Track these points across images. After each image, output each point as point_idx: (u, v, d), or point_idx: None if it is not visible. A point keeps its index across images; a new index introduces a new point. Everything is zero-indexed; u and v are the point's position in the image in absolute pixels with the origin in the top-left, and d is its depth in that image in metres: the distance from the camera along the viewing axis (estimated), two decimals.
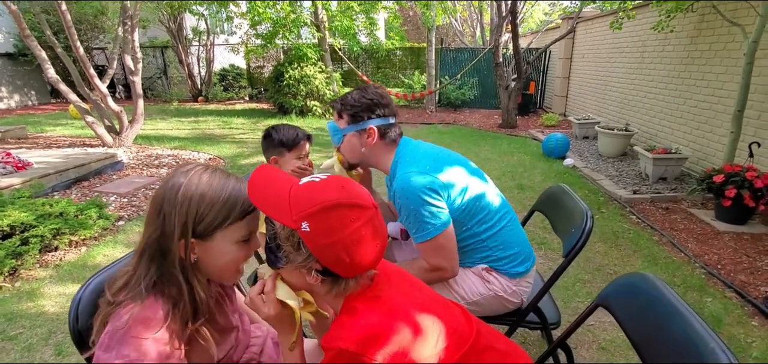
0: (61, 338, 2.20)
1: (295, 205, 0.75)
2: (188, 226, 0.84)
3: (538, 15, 17.54)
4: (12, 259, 2.71)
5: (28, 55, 11.42)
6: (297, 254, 0.77)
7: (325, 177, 0.80)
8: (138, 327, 0.79)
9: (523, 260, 1.44)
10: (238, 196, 0.88)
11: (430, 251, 1.33)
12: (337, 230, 0.73)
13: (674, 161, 4.60)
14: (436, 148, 1.47)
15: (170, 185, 0.86)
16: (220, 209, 0.86)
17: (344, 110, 1.41)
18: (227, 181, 0.89)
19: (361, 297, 0.80)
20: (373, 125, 1.40)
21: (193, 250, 0.87)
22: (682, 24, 5.16)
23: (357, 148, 1.44)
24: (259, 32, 9.68)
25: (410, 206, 1.29)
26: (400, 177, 1.33)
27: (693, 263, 2.97)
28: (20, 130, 7.27)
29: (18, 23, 5.10)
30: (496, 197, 1.46)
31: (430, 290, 0.92)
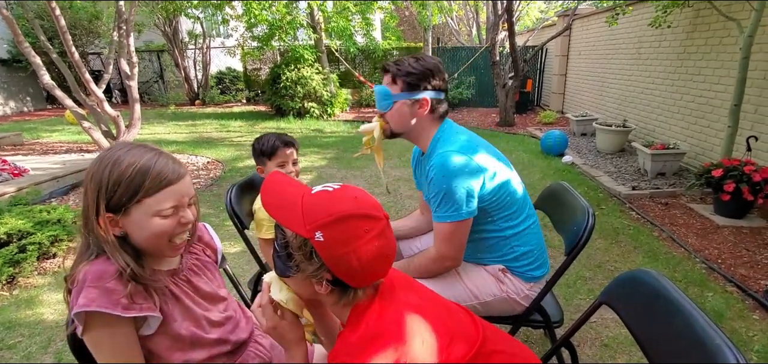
0: (60, 345, 2.19)
1: (308, 214, 0.76)
2: (100, 202, 0.86)
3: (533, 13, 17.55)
4: (9, 267, 2.70)
5: (22, 62, 11.35)
6: (309, 264, 0.78)
7: (337, 186, 0.81)
8: (90, 278, 0.84)
9: (540, 265, 1.43)
10: (149, 169, 0.87)
11: (445, 235, 1.32)
12: (351, 240, 0.74)
13: (672, 157, 4.60)
14: (478, 138, 1.45)
15: (91, 163, 0.89)
16: (130, 184, 0.85)
17: (399, 75, 1.36)
18: (143, 154, 0.88)
19: (368, 308, 0.80)
20: (427, 96, 1.36)
21: (116, 224, 0.87)
22: (678, 19, 5.16)
23: (407, 117, 1.39)
24: (256, 34, 9.66)
25: (444, 185, 1.27)
26: (442, 153, 1.30)
27: (693, 258, 2.97)
28: (16, 137, 7.23)
29: (12, 29, 5.06)
30: (519, 186, 1.45)
31: (434, 295, 0.92)
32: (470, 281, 1.43)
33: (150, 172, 0.87)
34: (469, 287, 1.42)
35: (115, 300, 0.84)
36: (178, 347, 0.96)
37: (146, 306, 0.88)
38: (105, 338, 0.85)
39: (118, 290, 0.85)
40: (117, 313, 0.83)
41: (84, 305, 0.81)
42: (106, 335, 0.84)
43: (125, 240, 0.91)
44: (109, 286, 0.84)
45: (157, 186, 0.87)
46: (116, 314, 0.83)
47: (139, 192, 0.86)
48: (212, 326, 1.03)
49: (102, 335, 0.84)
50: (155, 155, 0.90)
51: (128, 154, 0.88)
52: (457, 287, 1.43)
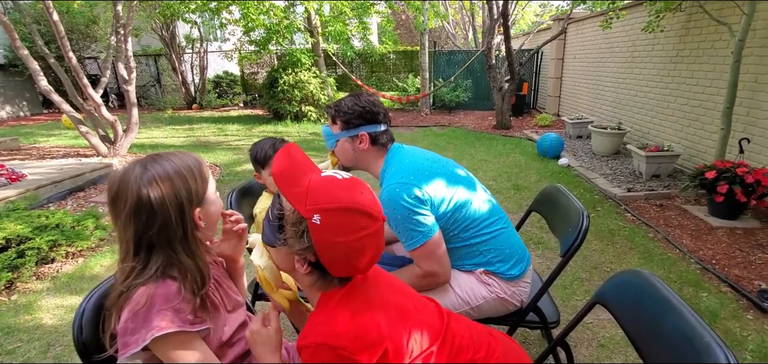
0: (59, 350, 2.19)
1: (312, 195, 0.77)
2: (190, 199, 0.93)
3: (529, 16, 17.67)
4: (8, 272, 2.70)
5: (19, 66, 11.32)
6: (297, 242, 0.79)
7: (347, 176, 0.82)
8: (159, 301, 0.87)
9: (516, 263, 1.46)
10: (189, 155, 0.99)
11: (422, 258, 1.37)
12: (346, 232, 0.75)
13: (667, 159, 4.65)
14: (423, 157, 1.50)
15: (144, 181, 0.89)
16: (197, 173, 0.96)
17: (338, 116, 1.48)
18: (175, 155, 0.97)
19: (339, 295, 0.82)
20: (364, 132, 1.47)
21: (201, 218, 0.96)
22: (671, 23, 5.23)
23: (349, 152, 1.51)
24: (253, 38, 9.68)
25: (397, 216, 1.34)
26: (386, 187, 1.39)
27: (688, 259, 3.01)
28: (12, 142, 7.21)
29: (9, 35, 5.06)
30: (485, 204, 1.49)
31: (406, 290, 0.95)
32: (459, 287, 1.46)
33: (190, 156, 0.98)
34: (459, 294, 1.45)
35: (185, 318, 0.89)
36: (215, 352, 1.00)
37: (201, 319, 0.94)
38: (186, 353, 0.89)
39: (184, 308, 0.90)
40: (190, 329, 0.89)
41: (166, 328, 0.85)
42: (187, 351, 0.89)
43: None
44: (177, 306, 0.89)
45: (204, 169, 0.99)
46: (191, 330, 0.89)
47: (205, 177, 0.98)
48: (237, 330, 1.07)
49: (183, 352, 0.89)
50: (181, 152, 0.99)
51: (168, 161, 0.94)
52: (449, 296, 1.46)
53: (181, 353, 0.88)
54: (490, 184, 4.84)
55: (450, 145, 7.13)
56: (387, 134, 1.52)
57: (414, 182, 1.35)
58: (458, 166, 1.55)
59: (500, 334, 1.00)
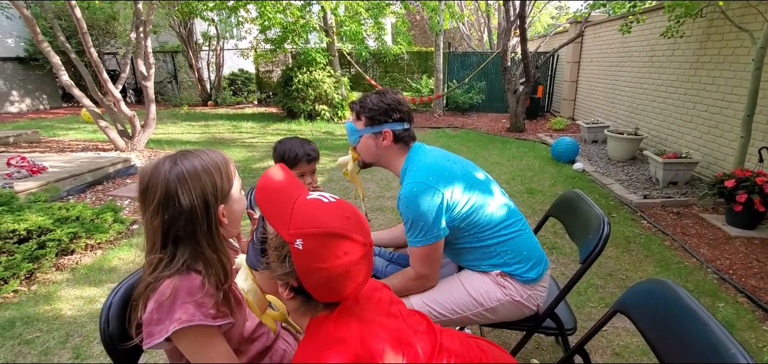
0: (78, 341, 2.23)
1: (296, 218, 0.74)
2: (215, 196, 0.96)
3: (545, 19, 17.51)
4: (29, 263, 2.75)
5: (39, 60, 11.57)
6: (279, 266, 0.76)
7: (333, 200, 0.79)
8: (183, 294, 0.89)
9: (533, 265, 1.45)
10: (216, 152, 1.01)
11: (421, 257, 1.40)
12: (329, 259, 0.72)
13: (684, 166, 4.58)
14: (444, 157, 1.52)
15: (173, 176, 0.92)
16: (223, 171, 0.98)
17: (363, 112, 1.50)
18: (204, 151, 1.00)
19: (327, 322, 0.79)
20: (388, 129, 1.48)
21: (223, 215, 0.98)
22: (691, 29, 5.14)
23: (372, 149, 1.53)
24: (269, 37, 9.76)
25: (411, 214, 1.36)
26: (407, 185, 1.40)
27: (705, 268, 2.96)
28: (33, 135, 7.38)
29: (31, 28, 5.18)
30: (502, 206, 1.49)
31: (396, 308, 0.91)
32: (473, 288, 1.46)
33: (217, 153, 1.00)
34: (472, 295, 1.45)
35: (206, 312, 0.91)
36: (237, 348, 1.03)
37: (223, 314, 0.96)
38: (205, 348, 0.91)
39: (206, 302, 0.92)
40: (211, 323, 0.91)
41: (187, 321, 0.87)
42: (206, 344, 0.91)
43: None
44: (199, 299, 0.91)
45: (230, 167, 1.02)
46: (213, 324, 0.91)
47: (231, 175, 1.00)
48: (256, 325, 1.10)
49: (202, 346, 0.91)
50: (210, 150, 1.02)
51: (197, 158, 0.97)
52: (461, 296, 1.46)
53: (201, 347, 0.90)
54: (504, 187, 4.77)
55: (463, 147, 7.10)
56: (409, 133, 1.54)
57: (433, 182, 1.37)
58: (477, 168, 1.56)
59: (495, 348, 0.97)
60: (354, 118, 1.55)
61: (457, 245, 1.48)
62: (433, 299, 1.46)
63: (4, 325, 2.35)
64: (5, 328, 2.33)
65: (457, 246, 1.48)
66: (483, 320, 1.50)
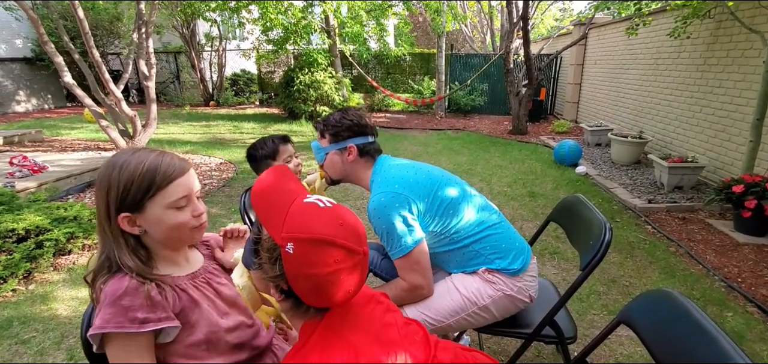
0: (73, 342, 2.22)
1: (289, 221, 0.73)
2: (111, 204, 0.90)
3: (548, 21, 17.44)
4: (27, 262, 2.75)
5: (45, 60, 11.65)
6: (271, 268, 0.76)
7: (329, 205, 0.77)
8: (108, 297, 0.86)
9: (515, 256, 1.45)
10: (158, 166, 0.92)
11: (406, 268, 1.39)
12: (318, 265, 0.71)
13: (690, 170, 4.51)
14: (410, 166, 1.52)
15: (100, 170, 0.93)
16: (142, 180, 0.90)
17: (326, 130, 1.54)
18: (148, 155, 0.94)
19: (319, 327, 0.78)
20: (352, 144, 1.51)
21: (134, 223, 0.92)
22: (699, 30, 5.08)
23: (338, 164, 1.56)
24: (271, 38, 9.76)
25: (383, 225, 1.36)
26: (374, 197, 1.41)
27: (712, 276, 2.90)
28: (37, 134, 7.40)
29: (36, 29, 5.18)
30: (476, 209, 1.49)
31: (391, 317, 0.89)
32: (464, 288, 1.45)
33: (159, 168, 0.92)
34: (464, 296, 1.43)
35: (132, 317, 0.85)
36: (196, 352, 0.97)
37: (164, 317, 0.89)
38: (121, 355, 0.86)
39: (134, 305, 0.86)
40: (132, 330, 0.84)
41: (99, 327, 0.83)
42: (122, 352, 0.86)
43: (139, 242, 0.95)
44: (125, 303, 0.86)
45: (167, 179, 0.92)
46: (132, 331, 0.85)
47: (152, 187, 0.91)
48: (231, 331, 1.04)
49: (118, 353, 0.86)
50: (159, 154, 0.95)
51: (134, 157, 0.93)
52: (454, 299, 1.44)
53: (114, 352, 0.85)
54: (505, 190, 4.77)
55: (464, 149, 7.06)
56: (374, 146, 1.57)
57: (400, 190, 1.38)
58: (448, 174, 1.56)
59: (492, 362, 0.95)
60: (319, 136, 1.58)
61: (436, 251, 1.48)
62: (427, 306, 1.44)
63: (2, 324, 2.35)
64: (3, 327, 2.33)
65: (436, 252, 1.48)
66: (480, 321, 1.47)
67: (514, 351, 1.58)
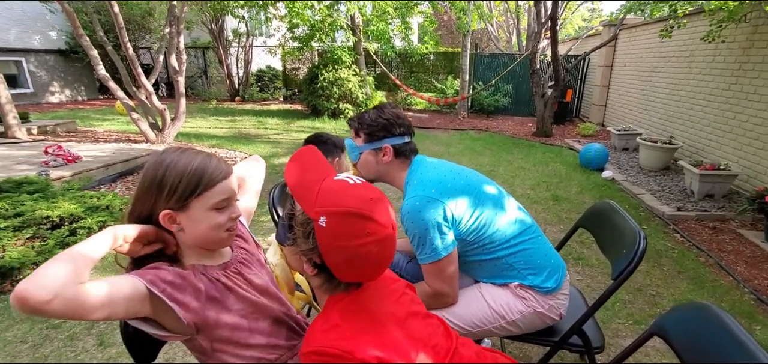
0: (103, 327, 2.29)
1: (321, 197, 0.77)
2: (159, 200, 0.94)
3: (577, 21, 17.07)
4: (60, 249, 2.85)
5: (78, 53, 12.07)
6: (304, 242, 0.79)
7: (359, 182, 0.81)
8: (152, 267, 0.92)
9: (549, 275, 1.40)
10: (206, 167, 0.96)
11: (433, 274, 1.36)
12: (351, 237, 0.74)
13: (722, 178, 4.36)
14: (447, 169, 1.47)
15: (147, 167, 0.96)
16: (190, 180, 0.94)
17: (361, 129, 1.47)
18: (196, 156, 0.97)
19: (344, 303, 0.81)
20: (388, 144, 1.45)
21: (174, 220, 0.95)
22: (734, 34, 4.90)
23: (373, 165, 1.49)
24: (297, 35, 9.87)
25: (415, 230, 1.32)
26: (408, 200, 1.36)
27: (742, 288, 2.80)
28: (71, 124, 7.68)
29: (72, 22, 5.39)
30: (513, 220, 1.44)
31: (414, 305, 0.92)
32: (493, 300, 1.42)
33: (207, 170, 0.96)
34: (494, 308, 1.41)
35: (152, 276, 0.88)
36: (239, 336, 1.01)
37: (178, 297, 0.90)
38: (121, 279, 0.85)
39: (162, 275, 0.91)
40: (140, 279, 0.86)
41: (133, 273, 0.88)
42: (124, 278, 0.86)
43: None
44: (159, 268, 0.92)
45: (213, 181, 0.96)
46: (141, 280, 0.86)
47: (199, 187, 0.95)
48: (266, 318, 1.08)
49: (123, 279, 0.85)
50: (207, 156, 0.99)
51: (183, 156, 0.97)
52: (481, 309, 1.42)
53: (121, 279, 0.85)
54: (528, 193, 4.70)
55: (486, 150, 6.99)
56: (410, 146, 1.50)
57: (436, 195, 1.33)
58: (486, 180, 1.51)
59: (509, 360, 0.96)
60: (353, 135, 1.52)
61: (468, 259, 1.44)
62: (453, 311, 1.42)
63: None
64: None
65: (467, 260, 1.44)
66: (505, 333, 1.45)
67: (537, 358, 1.57)
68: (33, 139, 6.38)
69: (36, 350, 2.12)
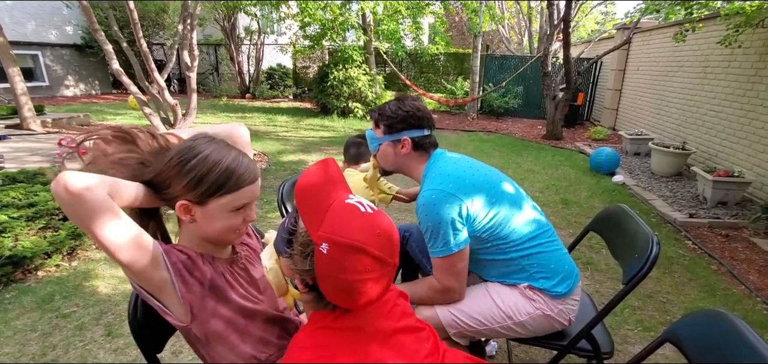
0: (111, 318, 2.31)
1: (329, 221, 0.73)
2: (186, 186, 0.90)
3: (590, 24, 16.91)
4: (71, 240, 2.89)
5: (93, 48, 12.23)
6: (301, 261, 0.77)
7: (370, 211, 0.77)
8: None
9: (562, 280, 1.38)
10: (237, 168, 0.92)
11: (444, 269, 1.35)
12: (349, 270, 0.71)
13: (736, 185, 4.28)
14: (466, 165, 1.45)
15: (177, 150, 0.93)
16: (217, 179, 0.90)
17: (381, 120, 1.48)
18: (229, 152, 0.93)
19: (328, 320, 0.80)
20: (407, 136, 1.45)
21: (189, 211, 0.92)
22: (751, 39, 4.81)
23: (391, 156, 1.50)
24: (308, 33, 9.89)
25: (429, 223, 1.31)
26: (425, 192, 1.35)
27: (754, 297, 2.75)
28: (84, 118, 7.79)
29: (88, 17, 5.45)
30: (530, 220, 1.42)
31: (402, 319, 0.90)
32: (502, 301, 1.40)
33: (235, 172, 0.92)
34: (501, 308, 1.39)
35: (170, 249, 0.91)
36: (229, 334, 1.00)
37: (185, 276, 0.92)
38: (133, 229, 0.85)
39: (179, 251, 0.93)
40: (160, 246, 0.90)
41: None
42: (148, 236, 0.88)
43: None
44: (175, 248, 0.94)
45: (238, 185, 0.93)
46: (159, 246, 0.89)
47: (224, 187, 0.92)
48: (261, 316, 1.07)
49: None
50: (238, 154, 0.95)
51: (215, 150, 0.93)
52: (489, 308, 1.40)
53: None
54: (537, 196, 4.66)
55: (496, 151, 6.95)
56: (430, 139, 1.50)
57: (453, 191, 1.32)
58: (505, 178, 1.49)
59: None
60: (373, 125, 1.53)
61: (479, 257, 1.42)
62: (460, 308, 1.41)
63: (45, 297, 2.47)
64: (45, 300, 2.45)
65: (478, 258, 1.43)
66: (512, 334, 1.43)
67: (544, 362, 1.55)
68: (47, 131, 6.48)
69: (45, 339, 2.14)
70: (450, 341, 1.44)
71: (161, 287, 0.89)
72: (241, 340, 1.02)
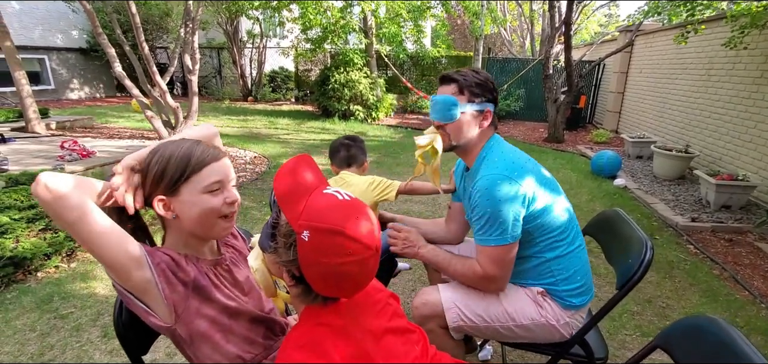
0: (107, 320, 2.31)
1: (307, 210, 0.75)
2: (152, 186, 0.95)
3: (592, 26, 16.87)
4: (70, 241, 2.90)
5: (98, 51, 12.33)
6: (285, 253, 0.78)
7: (347, 198, 0.79)
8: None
9: (581, 292, 1.35)
10: (192, 152, 0.96)
11: (492, 258, 1.28)
12: (331, 255, 0.73)
13: (740, 189, 4.24)
14: (521, 154, 1.38)
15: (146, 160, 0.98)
16: (177, 165, 0.94)
17: (466, 86, 1.33)
18: (183, 143, 0.98)
19: (320, 316, 0.81)
20: (490, 108, 1.35)
21: (168, 207, 0.96)
22: (757, 41, 4.77)
23: (471, 129, 1.36)
24: (309, 37, 9.92)
25: (488, 209, 1.23)
26: (486, 176, 1.26)
27: (758, 303, 2.71)
28: (88, 121, 7.85)
29: (91, 21, 5.49)
30: (564, 212, 1.37)
31: (394, 320, 0.90)
32: (508, 302, 1.37)
33: (193, 155, 0.96)
34: (506, 308, 1.36)
35: (152, 251, 0.93)
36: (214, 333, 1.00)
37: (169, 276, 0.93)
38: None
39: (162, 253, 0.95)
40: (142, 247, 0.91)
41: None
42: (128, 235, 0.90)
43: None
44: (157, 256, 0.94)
45: (201, 164, 0.96)
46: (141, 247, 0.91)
47: (186, 170, 0.95)
48: (246, 316, 1.07)
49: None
50: (194, 143, 0.99)
51: (171, 144, 0.98)
52: (494, 306, 1.37)
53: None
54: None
55: None
56: (496, 119, 1.41)
57: (516, 177, 1.25)
58: (548, 176, 1.42)
59: None
60: (454, 90, 1.34)
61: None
62: (464, 300, 1.37)
63: (44, 298, 2.48)
64: (44, 301, 2.46)
65: None
66: (511, 337, 1.40)
67: None
68: (51, 134, 6.52)
69: (43, 339, 2.15)
70: (445, 331, 1.40)
71: (145, 289, 0.90)
72: (225, 339, 1.02)
